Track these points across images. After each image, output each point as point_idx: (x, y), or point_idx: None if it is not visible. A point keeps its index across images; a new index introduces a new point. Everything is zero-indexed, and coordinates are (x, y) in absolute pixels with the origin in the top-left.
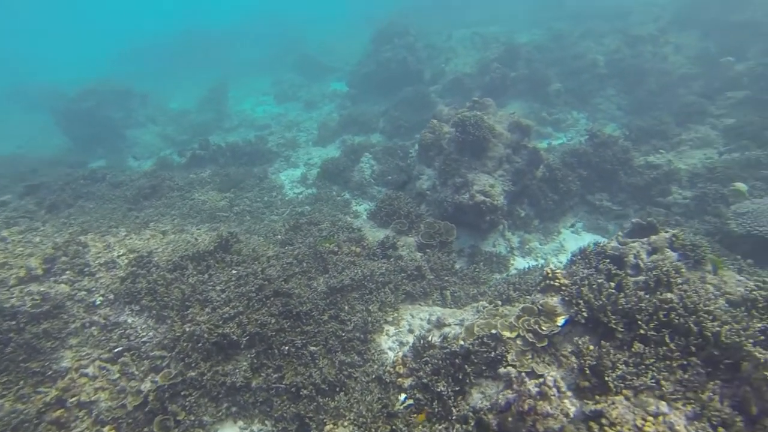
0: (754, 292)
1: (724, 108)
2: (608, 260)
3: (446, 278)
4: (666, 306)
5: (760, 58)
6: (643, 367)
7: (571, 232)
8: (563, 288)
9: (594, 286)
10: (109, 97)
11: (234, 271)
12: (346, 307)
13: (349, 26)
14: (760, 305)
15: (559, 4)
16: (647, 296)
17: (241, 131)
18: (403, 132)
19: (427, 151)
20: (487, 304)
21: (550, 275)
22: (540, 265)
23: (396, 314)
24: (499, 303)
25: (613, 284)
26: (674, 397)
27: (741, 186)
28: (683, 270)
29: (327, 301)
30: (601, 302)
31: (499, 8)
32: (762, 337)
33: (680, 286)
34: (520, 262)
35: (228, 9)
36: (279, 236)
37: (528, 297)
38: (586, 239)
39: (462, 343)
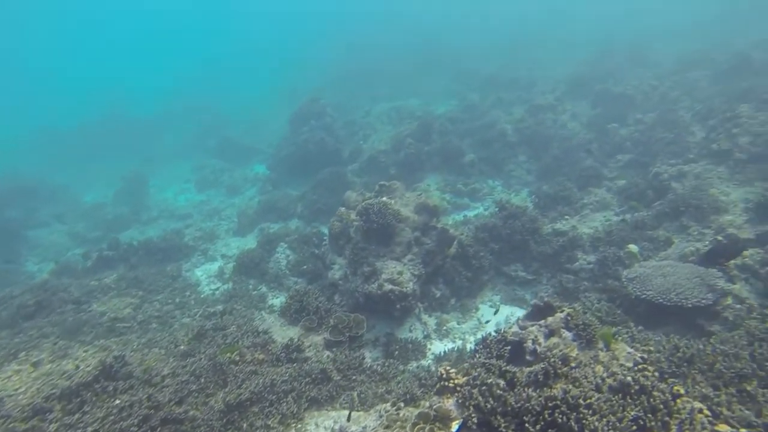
0: (628, 377)
1: (616, 170)
2: (509, 347)
3: (354, 378)
4: (551, 404)
5: (636, 125)
6: None
7: (490, 306)
8: (457, 389)
9: (483, 388)
10: (8, 195)
11: (117, 401)
12: (245, 425)
13: (276, 104)
14: (633, 390)
15: (472, 76)
16: (535, 392)
17: (161, 223)
18: (322, 216)
19: (337, 240)
20: (389, 408)
21: (444, 375)
22: (457, 348)
23: (299, 425)
24: (402, 405)
25: (503, 382)
26: None
27: (633, 248)
28: (575, 353)
29: (224, 420)
30: (490, 405)
31: (418, 80)
32: (635, 427)
33: (572, 372)
34: (437, 346)
35: (151, 91)
36: (182, 346)
37: (432, 394)
38: (505, 312)
39: None
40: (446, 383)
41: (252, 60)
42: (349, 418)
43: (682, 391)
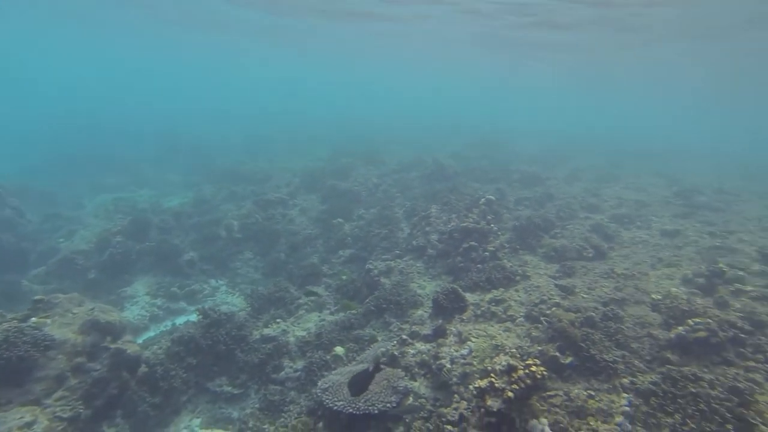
0: None
1: (338, 266)
2: None
3: None
4: None
5: (358, 221)
6: None
7: None
8: None
9: None
10: None
11: None
12: None
13: None
14: None
15: (213, 168)
16: None
17: None
18: None
19: None
20: None
21: None
22: None
23: None
24: None
25: None
26: None
27: (340, 350)
28: None
29: None
30: None
31: (157, 169)
32: None
33: None
34: None
35: None
36: None
37: None
38: None
39: None
40: None
41: None
42: None
43: None
